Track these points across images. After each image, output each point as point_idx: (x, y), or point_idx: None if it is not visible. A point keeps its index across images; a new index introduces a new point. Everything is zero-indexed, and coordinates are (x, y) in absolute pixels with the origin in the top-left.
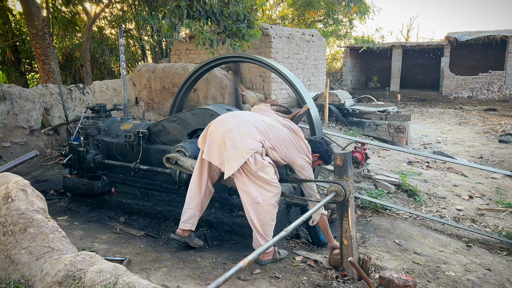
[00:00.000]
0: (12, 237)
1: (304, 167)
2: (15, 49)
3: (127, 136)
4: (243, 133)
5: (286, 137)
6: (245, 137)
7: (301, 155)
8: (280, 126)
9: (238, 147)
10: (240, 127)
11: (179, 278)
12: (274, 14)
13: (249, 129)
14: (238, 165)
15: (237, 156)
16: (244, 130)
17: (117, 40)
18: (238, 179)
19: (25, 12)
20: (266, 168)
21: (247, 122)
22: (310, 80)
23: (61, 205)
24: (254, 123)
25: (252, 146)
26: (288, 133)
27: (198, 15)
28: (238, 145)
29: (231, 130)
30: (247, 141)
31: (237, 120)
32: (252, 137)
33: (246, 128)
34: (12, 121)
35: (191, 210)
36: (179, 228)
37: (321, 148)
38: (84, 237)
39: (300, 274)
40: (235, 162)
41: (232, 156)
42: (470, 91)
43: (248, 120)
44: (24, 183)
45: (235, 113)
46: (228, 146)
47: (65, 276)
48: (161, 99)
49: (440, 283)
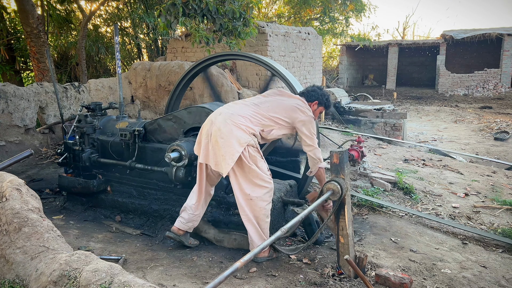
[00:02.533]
0: (6, 236)
1: (305, 122)
2: (10, 47)
3: (123, 135)
4: (232, 128)
5: (275, 104)
6: (234, 131)
7: (298, 112)
8: (265, 99)
9: (231, 143)
10: (227, 123)
11: (175, 277)
12: (270, 12)
13: (237, 121)
14: (233, 160)
15: (231, 152)
16: (231, 125)
17: (112, 38)
18: (232, 176)
19: (19, 10)
20: (259, 163)
21: (232, 115)
22: (306, 78)
23: (57, 204)
24: (239, 113)
25: (243, 140)
26: (275, 100)
27: (193, 13)
28: (230, 141)
29: (220, 128)
30: (238, 135)
31: (223, 116)
32: (242, 129)
33: (234, 122)
34: (7, 119)
35: (190, 214)
36: (175, 226)
37: (316, 94)
38: (79, 236)
39: (296, 272)
40: (230, 158)
41: (226, 153)
42: (465, 89)
43: (233, 112)
44: (19, 182)
45: (220, 110)
46: (221, 145)
47: (60, 276)
48: (157, 98)
49: (436, 281)
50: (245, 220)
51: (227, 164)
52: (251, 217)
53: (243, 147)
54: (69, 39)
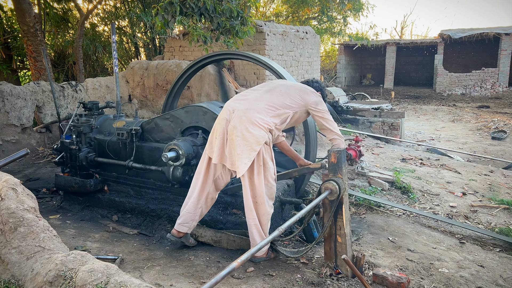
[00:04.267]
0: (2, 236)
1: (318, 103)
2: (7, 46)
3: (120, 134)
4: (248, 126)
5: (286, 87)
6: (251, 129)
7: (309, 94)
8: (274, 85)
9: (248, 142)
10: (242, 120)
11: (172, 276)
12: (268, 11)
13: (253, 118)
14: (250, 159)
15: (248, 150)
16: (247, 123)
17: (109, 37)
18: (244, 175)
19: (16, 9)
20: (270, 163)
21: (247, 111)
22: (304, 77)
23: (53, 203)
24: (254, 107)
25: (260, 139)
26: (285, 83)
27: (191, 11)
28: (247, 139)
29: (235, 126)
30: (255, 133)
31: (237, 113)
32: (258, 126)
33: (249, 119)
34: (4, 119)
35: (190, 214)
36: (175, 229)
37: (319, 85)
38: (76, 235)
39: (294, 272)
40: (247, 157)
41: (243, 152)
42: (463, 88)
43: (247, 108)
44: (14, 182)
45: (233, 106)
46: (237, 143)
47: (56, 276)
48: (154, 97)
49: (434, 280)
50: (251, 223)
51: (244, 163)
52: (257, 219)
53: (260, 146)
54: (66, 37)
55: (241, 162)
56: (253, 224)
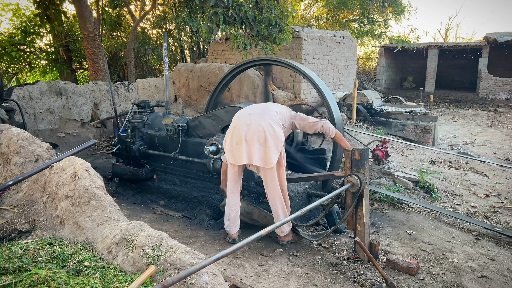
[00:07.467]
0: (78, 207)
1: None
2: (67, 48)
3: (168, 130)
4: (270, 123)
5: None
6: (274, 126)
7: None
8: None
9: (275, 137)
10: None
11: (210, 251)
12: (309, 14)
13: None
14: (279, 150)
15: (276, 143)
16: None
17: (158, 40)
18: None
19: (78, 15)
20: (284, 158)
21: (264, 113)
22: (340, 80)
23: (110, 189)
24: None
25: (282, 135)
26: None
27: (233, 20)
28: (274, 135)
29: (260, 124)
30: (277, 129)
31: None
32: (278, 123)
33: (270, 117)
34: (67, 114)
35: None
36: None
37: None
38: (129, 216)
39: (315, 253)
40: (276, 149)
41: (272, 145)
42: (508, 93)
43: (262, 111)
44: (87, 165)
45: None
46: (268, 138)
47: (121, 239)
48: (198, 97)
49: (442, 268)
50: (278, 207)
51: (275, 154)
52: (283, 204)
53: (283, 141)
54: (118, 41)
55: (273, 153)
56: (280, 207)
